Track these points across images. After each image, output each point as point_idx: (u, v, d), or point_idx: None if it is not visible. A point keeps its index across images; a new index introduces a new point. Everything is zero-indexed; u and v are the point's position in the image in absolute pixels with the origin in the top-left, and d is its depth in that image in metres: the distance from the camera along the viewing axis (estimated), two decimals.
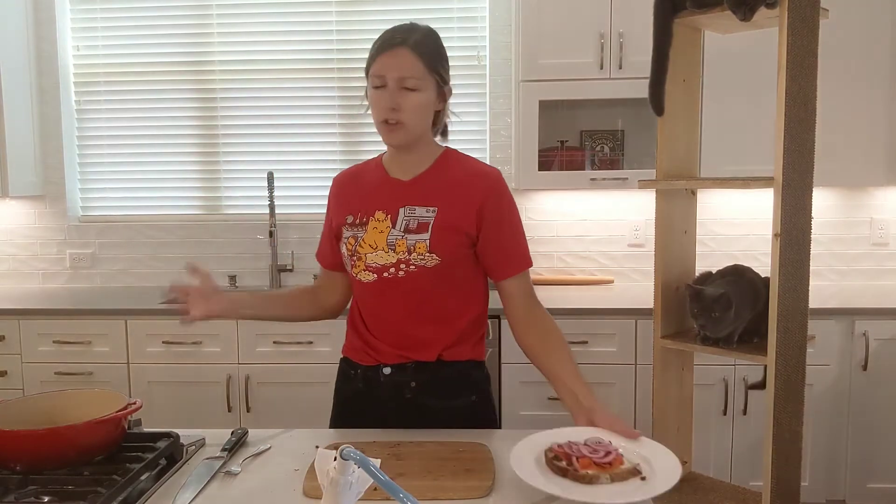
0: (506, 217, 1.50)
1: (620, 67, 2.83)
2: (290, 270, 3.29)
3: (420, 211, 1.47)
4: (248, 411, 2.77)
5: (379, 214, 1.50)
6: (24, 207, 3.37)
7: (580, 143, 3.17)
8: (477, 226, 1.48)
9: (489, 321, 1.61)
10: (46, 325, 2.79)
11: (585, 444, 1.17)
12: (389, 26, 1.50)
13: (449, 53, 1.53)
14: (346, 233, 1.53)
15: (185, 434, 1.39)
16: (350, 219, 1.53)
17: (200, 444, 1.40)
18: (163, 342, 2.76)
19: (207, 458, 1.31)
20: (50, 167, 3.34)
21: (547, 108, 2.98)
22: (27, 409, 1.31)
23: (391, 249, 1.46)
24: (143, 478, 1.22)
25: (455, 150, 1.57)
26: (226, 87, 3.33)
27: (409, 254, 1.45)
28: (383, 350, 1.53)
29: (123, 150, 3.39)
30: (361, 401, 1.57)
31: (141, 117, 3.36)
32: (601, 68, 2.84)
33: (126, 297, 3.01)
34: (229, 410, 2.78)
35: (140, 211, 3.41)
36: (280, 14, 3.28)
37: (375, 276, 1.49)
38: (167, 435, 1.35)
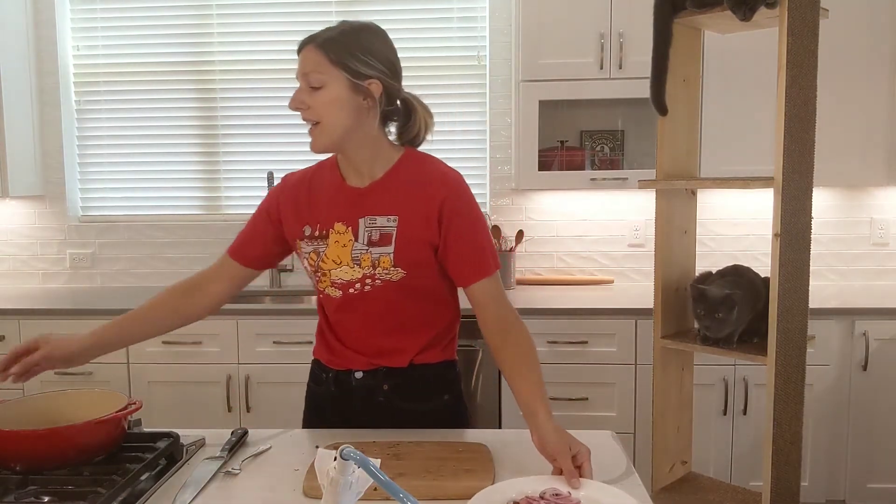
0: (465, 220, 1.41)
1: (620, 67, 2.83)
2: (290, 270, 3.29)
3: (381, 220, 1.41)
4: (248, 411, 2.77)
5: (339, 226, 1.43)
6: (25, 207, 3.37)
7: (580, 143, 3.17)
8: (438, 233, 1.41)
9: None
10: (46, 325, 2.79)
11: (544, 499, 1.08)
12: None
13: (449, 53, 1.50)
14: (306, 247, 1.46)
15: (185, 434, 1.39)
16: (308, 230, 1.46)
17: (200, 444, 1.40)
18: (163, 342, 2.76)
19: (207, 458, 1.31)
20: (50, 167, 3.34)
21: (547, 108, 2.97)
22: (27, 409, 1.31)
23: (356, 264, 1.41)
24: (143, 478, 1.22)
25: (417, 152, 1.48)
26: (226, 87, 3.33)
27: (374, 268, 1.40)
28: (353, 357, 1.50)
29: (123, 150, 3.39)
30: (334, 403, 1.54)
31: (141, 117, 3.36)
32: (601, 68, 2.83)
33: (126, 298, 3.00)
34: (229, 410, 2.78)
35: (140, 211, 3.41)
36: (280, 14, 3.28)
37: (341, 292, 1.45)
38: (167, 435, 1.35)
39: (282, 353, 2.75)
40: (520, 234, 3.18)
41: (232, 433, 1.41)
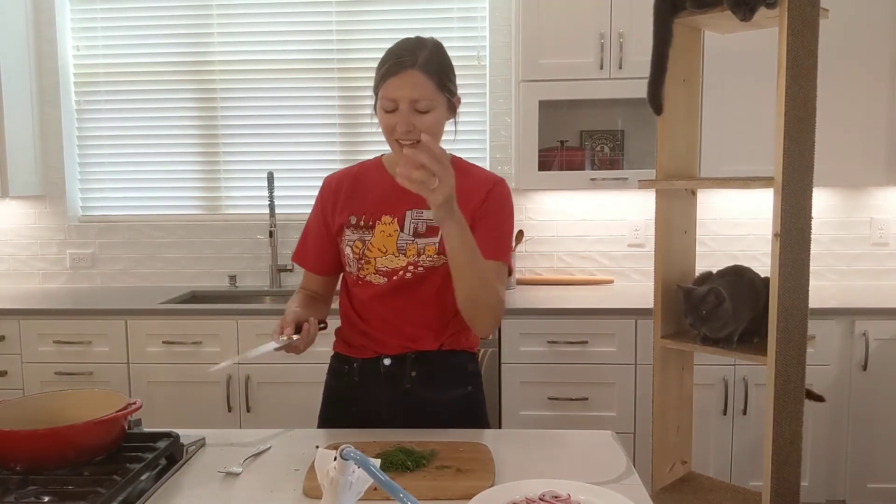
0: (500, 208, 1.52)
1: (620, 67, 2.83)
2: (290, 270, 3.29)
3: (427, 214, 1.50)
4: (248, 411, 2.77)
5: (386, 218, 1.51)
6: (25, 207, 3.37)
7: (580, 143, 3.17)
8: (470, 222, 1.49)
9: None
10: (46, 325, 2.79)
11: (543, 500, 1.11)
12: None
13: (449, 53, 1.52)
14: (351, 235, 1.53)
15: (185, 434, 1.39)
16: (354, 220, 1.54)
17: (200, 444, 1.40)
18: (163, 342, 2.76)
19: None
20: (50, 167, 3.34)
21: (547, 108, 2.97)
22: (27, 409, 1.31)
23: (401, 253, 1.49)
24: (143, 478, 1.22)
25: (460, 158, 1.59)
26: (226, 87, 3.33)
27: (419, 256, 1.48)
28: (384, 343, 1.55)
29: (123, 150, 3.38)
30: (355, 395, 1.58)
31: (141, 117, 3.36)
32: (601, 68, 2.83)
33: (126, 297, 3.00)
34: (229, 410, 2.77)
35: (140, 211, 3.41)
36: (280, 14, 3.28)
37: (386, 279, 1.51)
38: (167, 435, 1.35)
39: (282, 353, 2.73)
40: (520, 234, 3.18)
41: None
